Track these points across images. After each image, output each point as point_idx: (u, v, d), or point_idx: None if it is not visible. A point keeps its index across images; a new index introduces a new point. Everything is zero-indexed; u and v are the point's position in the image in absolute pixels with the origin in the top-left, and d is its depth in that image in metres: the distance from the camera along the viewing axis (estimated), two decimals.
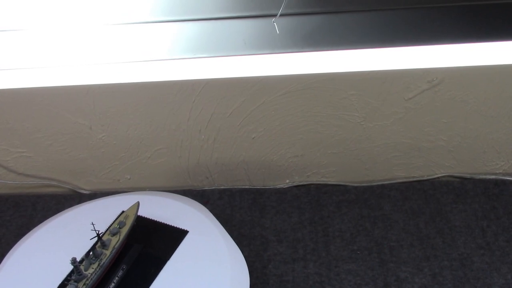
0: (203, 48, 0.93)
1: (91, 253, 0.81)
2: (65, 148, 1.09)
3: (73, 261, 0.77)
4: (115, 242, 0.83)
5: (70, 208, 0.99)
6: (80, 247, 0.87)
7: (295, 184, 1.14)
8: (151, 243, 0.86)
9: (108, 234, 0.84)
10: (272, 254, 1.00)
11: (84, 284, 0.76)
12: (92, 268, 0.79)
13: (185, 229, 0.89)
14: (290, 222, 1.06)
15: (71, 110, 1.03)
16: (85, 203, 0.99)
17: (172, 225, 0.90)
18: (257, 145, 1.08)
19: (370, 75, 0.97)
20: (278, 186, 1.14)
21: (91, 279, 0.77)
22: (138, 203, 0.88)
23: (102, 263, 0.79)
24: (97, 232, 0.82)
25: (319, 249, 1.00)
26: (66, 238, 0.90)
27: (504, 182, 1.10)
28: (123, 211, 0.90)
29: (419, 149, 1.08)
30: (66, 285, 0.77)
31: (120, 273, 0.80)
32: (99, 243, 0.82)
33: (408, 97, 1.00)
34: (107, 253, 0.80)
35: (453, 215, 1.04)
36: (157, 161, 1.11)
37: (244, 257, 0.99)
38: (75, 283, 0.76)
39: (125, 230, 0.84)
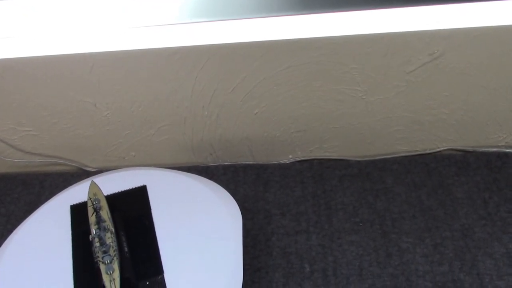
0: (199, 12, 0.93)
1: (96, 226, 0.83)
2: (71, 126, 1.10)
3: (97, 232, 0.79)
4: (105, 213, 0.84)
5: (75, 184, 1.01)
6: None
7: (298, 159, 1.15)
8: (125, 208, 0.90)
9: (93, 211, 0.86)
10: (275, 227, 1.01)
11: (114, 251, 0.78)
12: (109, 238, 0.80)
13: (142, 184, 0.94)
14: (293, 196, 1.07)
15: (76, 88, 1.04)
16: (87, 179, 1.01)
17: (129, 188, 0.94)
18: (260, 121, 1.09)
19: (372, 48, 0.97)
20: (281, 162, 1.15)
21: (114, 247, 0.79)
22: (93, 181, 0.91)
23: (113, 231, 0.81)
24: (94, 206, 0.84)
25: (322, 221, 1.01)
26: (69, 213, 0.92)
27: (506, 154, 1.11)
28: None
29: (421, 123, 1.09)
30: (97, 258, 0.78)
31: (123, 238, 0.82)
32: (95, 217, 0.84)
33: (409, 70, 1.01)
34: (109, 223, 0.82)
35: (455, 187, 1.05)
36: (161, 138, 1.13)
37: (248, 230, 1.01)
38: (108, 253, 0.78)
39: (104, 204, 0.86)
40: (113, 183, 0.96)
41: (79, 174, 1.17)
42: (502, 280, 0.89)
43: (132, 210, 0.90)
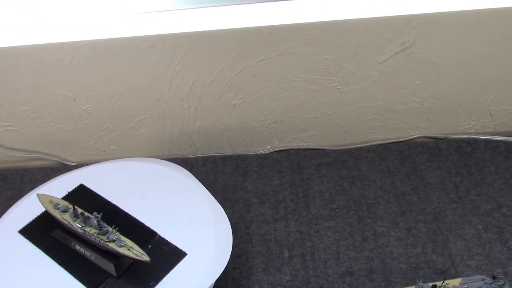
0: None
1: (77, 220, 0.84)
2: (50, 120, 1.11)
3: (82, 225, 0.81)
4: (74, 208, 0.85)
5: (54, 178, 1.02)
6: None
7: (276, 149, 1.18)
8: (80, 206, 0.89)
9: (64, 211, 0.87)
10: (254, 215, 1.04)
11: (110, 227, 0.81)
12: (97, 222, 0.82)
13: (78, 185, 0.96)
14: (271, 185, 1.09)
15: (55, 82, 1.05)
16: (67, 173, 1.02)
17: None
18: (237, 112, 1.11)
19: (344, 38, 1.00)
20: (259, 152, 1.18)
21: (106, 226, 0.81)
22: (38, 194, 0.91)
23: (97, 216, 0.82)
24: (59, 208, 0.86)
25: (299, 209, 1.04)
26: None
27: (476, 140, 1.15)
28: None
29: (394, 112, 1.12)
30: (102, 240, 0.79)
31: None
32: (69, 214, 0.85)
33: (381, 60, 1.04)
34: (85, 213, 0.84)
35: (427, 173, 1.09)
36: (141, 131, 1.14)
37: (228, 218, 1.03)
38: (109, 232, 0.80)
39: (65, 203, 0.88)
40: (56, 190, 0.96)
41: (60, 169, 1.18)
42: (473, 259, 0.93)
43: (88, 205, 0.90)
